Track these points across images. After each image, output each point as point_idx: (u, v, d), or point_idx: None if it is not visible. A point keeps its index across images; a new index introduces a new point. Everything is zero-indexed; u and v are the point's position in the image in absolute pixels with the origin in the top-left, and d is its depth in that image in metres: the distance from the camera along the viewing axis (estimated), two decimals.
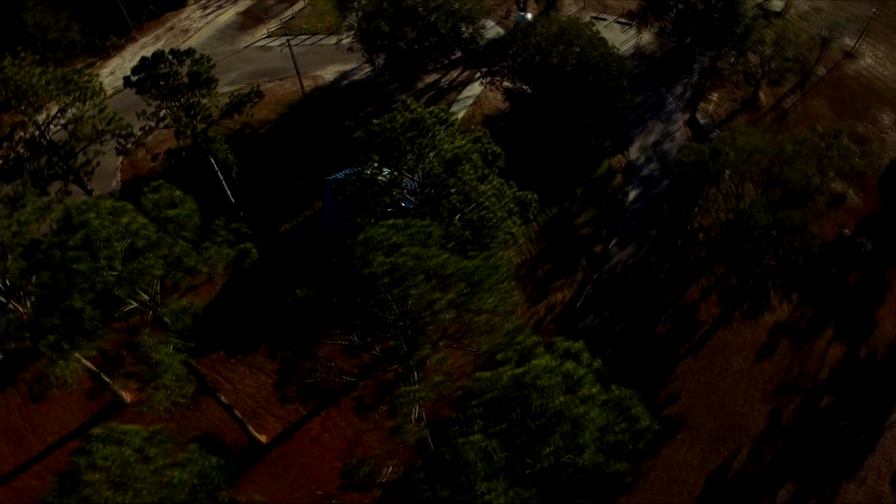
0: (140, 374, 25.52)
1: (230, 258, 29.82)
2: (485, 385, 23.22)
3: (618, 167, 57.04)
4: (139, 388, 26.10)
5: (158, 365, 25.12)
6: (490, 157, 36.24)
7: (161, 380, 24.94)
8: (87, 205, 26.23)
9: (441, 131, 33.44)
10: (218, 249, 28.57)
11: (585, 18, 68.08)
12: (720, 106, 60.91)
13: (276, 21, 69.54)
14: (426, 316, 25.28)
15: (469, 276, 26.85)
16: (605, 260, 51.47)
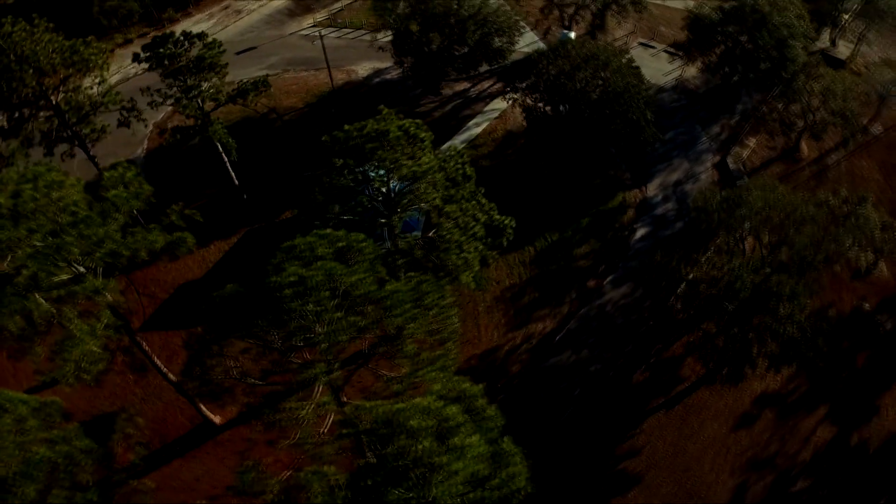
0: (54, 346, 26.13)
1: (157, 245, 30.04)
2: (355, 416, 22.38)
3: (632, 202, 54.43)
4: (49, 358, 26.76)
5: (69, 339, 25.60)
6: (460, 178, 35.05)
7: (67, 353, 25.42)
8: (32, 174, 26.98)
9: (406, 146, 32.56)
10: (144, 235, 28.88)
11: (633, 44, 65.52)
12: (756, 153, 57.11)
13: (324, 11, 70.18)
14: (323, 334, 24.59)
15: (381, 300, 25.99)
16: (597, 296, 49.22)
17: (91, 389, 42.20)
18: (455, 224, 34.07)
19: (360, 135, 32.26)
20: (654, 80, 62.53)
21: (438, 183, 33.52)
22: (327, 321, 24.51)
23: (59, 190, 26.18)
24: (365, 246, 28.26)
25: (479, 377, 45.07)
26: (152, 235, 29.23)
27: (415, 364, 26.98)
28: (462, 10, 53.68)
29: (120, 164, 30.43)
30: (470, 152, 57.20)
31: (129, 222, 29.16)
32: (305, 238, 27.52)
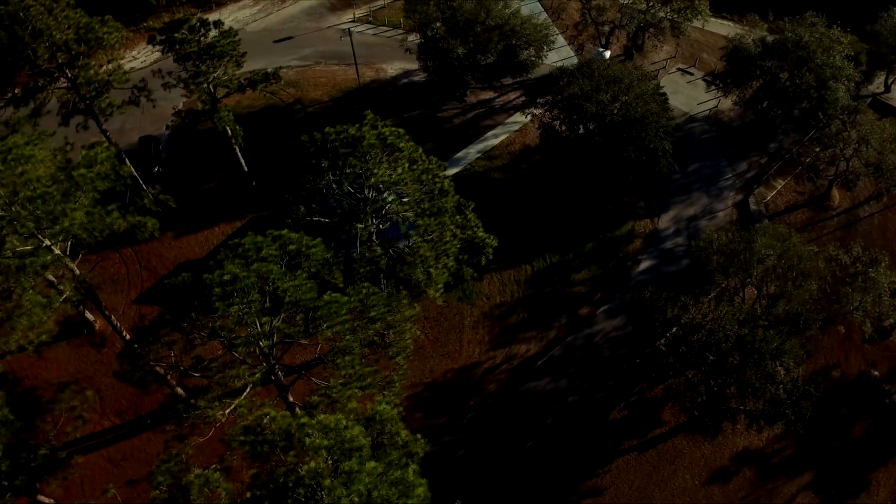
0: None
1: (116, 227, 30.40)
2: (258, 424, 22.01)
3: (641, 232, 52.34)
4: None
5: (18, 309, 26.24)
6: (437, 192, 34.25)
7: (15, 322, 26.04)
8: (8, 146, 27.74)
9: (381, 155, 31.99)
10: (102, 217, 29.29)
11: (671, 69, 63.06)
12: (782, 195, 54.01)
13: (365, 8, 70.18)
14: (243, 337, 24.35)
15: (315, 308, 25.54)
16: (587, 325, 47.56)
17: (63, 359, 43.55)
18: (425, 238, 33.29)
19: (336, 138, 31.87)
20: (687, 108, 60.06)
21: (410, 195, 32.80)
22: (250, 324, 24.24)
23: (26, 164, 26.82)
24: (314, 252, 27.88)
25: (454, 392, 44.50)
26: (110, 218, 29.66)
27: (344, 378, 26.42)
28: (489, 20, 52.62)
29: (99, 143, 30.97)
30: (483, 163, 56.45)
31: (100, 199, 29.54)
32: (254, 237, 27.35)
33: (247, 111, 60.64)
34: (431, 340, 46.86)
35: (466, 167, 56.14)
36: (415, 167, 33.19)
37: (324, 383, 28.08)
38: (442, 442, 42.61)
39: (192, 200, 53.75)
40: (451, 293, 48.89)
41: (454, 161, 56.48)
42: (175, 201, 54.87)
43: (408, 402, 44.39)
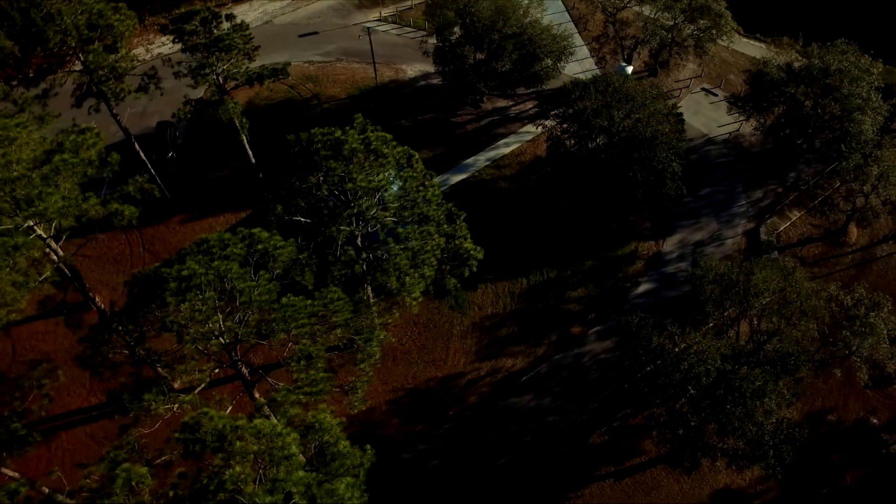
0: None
1: (95, 215, 30.79)
2: (196, 421, 21.94)
3: (644, 254, 51.01)
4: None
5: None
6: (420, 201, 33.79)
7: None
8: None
9: (362, 160, 31.71)
10: (78, 203, 29.69)
11: (695, 88, 61.35)
12: (796, 227, 51.97)
13: (392, 7, 70.08)
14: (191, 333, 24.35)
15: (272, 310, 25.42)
16: (577, 344, 46.56)
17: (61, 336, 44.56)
18: (406, 246, 32.93)
19: (321, 140, 31.73)
20: (707, 129, 58.33)
21: (391, 201, 32.47)
22: (201, 321, 24.26)
23: (7, 146, 27.37)
24: (282, 252, 27.78)
25: (434, 401, 44.08)
26: (86, 204, 30.08)
27: (296, 382, 26.26)
28: (506, 28, 51.90)
29: (89, 128, 31.46)
30: (491, 171, 55.79)
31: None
32: (222, 234, 27.39)
33: (265, 103, 61.25)
34: (418, 346, 46.51)
35: (474, 174, 55.57)
36: (401, 174, 32.81)
37: (280, 385, 27.99)
38: (417, 450, 42.25)
39: (201, 188, 54.55)
40: (442, 301, 48.55)
41: (462, 167, 55.99)
42: (185, 187, 55.95)
43: (387, 407, 44.25)
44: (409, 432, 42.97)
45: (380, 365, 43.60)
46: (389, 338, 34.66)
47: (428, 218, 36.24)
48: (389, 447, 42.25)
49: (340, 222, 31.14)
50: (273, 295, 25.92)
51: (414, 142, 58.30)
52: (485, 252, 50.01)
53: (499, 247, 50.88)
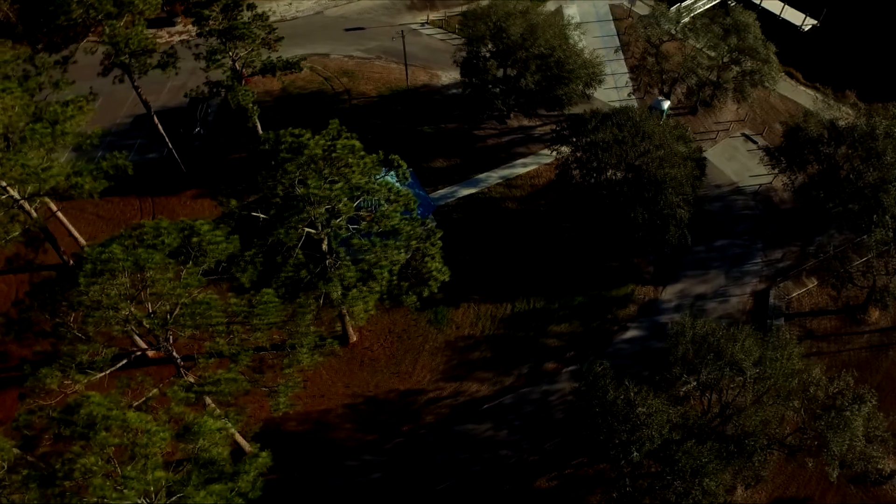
0: None
1: (57, 185, 31.66)
2: (77, 403, 22.10)
3: (640, 298, 48.42)
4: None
5: None
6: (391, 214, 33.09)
7: None
8: None
9: (321, 165, 31.30)
10: (38, 175, 30.54)
11: (735, 133, 57.76)
12: (812, 296, 48.04)
13: (441, 12, 69.39)
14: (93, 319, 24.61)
15: (185, 305, 25.43)
16: (548, 381, 44.74)
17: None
18: (357, 258, 32.36)
19: (286, 141, 31.57)
20: (737, 178, 54.78)
21: (345, 212, 31.96)
22: (107, 306, 24.51)
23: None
24: (214, 248, 27.77)
25: (391, 413, 43.46)
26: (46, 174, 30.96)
27: (197, 379, 26.22)
28: (534, 47, 50.28)
29: (75, 100, 32.46)
30: (502, 190, 54.39)
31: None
32: (159, 221, 27.65)
33: (297, 92, 61.95)
34: (387, 355, 45.92)
35: (483, 189, 54.32)
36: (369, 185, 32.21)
37: (180, 381, 28.00)
38: (362, 459, 41.76)
39: (218, 166, 55.56)
40: (422, 313, 47.66)
41: (473, 181, 54.84)
42: (204, 164, 57.08)
43: (343, 411, 43.93)
44: (360, 440, 42.51)
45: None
46: (332, 346, 34.16)
47: (398, 232, 35.56)
48: (336, 451, 41.95)
49: (289, 225, 30.89)
50: (186, 290, 25.91)
51: (432, 149, 58.04)
52: (474, 271, 49.36)
53: (491, 267, 49.64)
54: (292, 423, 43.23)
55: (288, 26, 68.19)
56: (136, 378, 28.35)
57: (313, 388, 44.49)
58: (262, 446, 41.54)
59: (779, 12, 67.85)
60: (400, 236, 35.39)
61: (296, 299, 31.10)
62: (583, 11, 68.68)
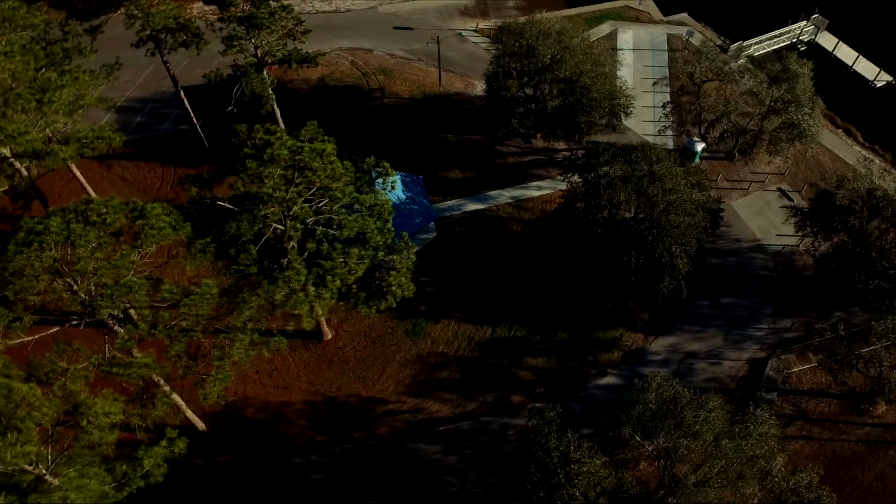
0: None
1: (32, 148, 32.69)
2: None
3: (626, 345, 45.87)
4: None
5: None
6: (337, 223, 32.53)
7: None
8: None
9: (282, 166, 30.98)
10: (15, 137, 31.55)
11: (771, 187, 53.84)
12: (814, 374, 44.09)
13: (493, 21, 67.99)
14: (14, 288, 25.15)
15: (101, 283, 25.71)
16: (510, 414, 43.01)
17: None
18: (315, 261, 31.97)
19: (254, 137, 31.49)
20: (761, 234, 50.96)
21: (301, 215, 31.55)
22: (29, 276, 25.08)
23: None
24: (154, 232, 28.00)
25: (346, 418, 43.06)
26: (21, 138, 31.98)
27: (109, 359, 26.52)
28: (560, 71, 48.29)
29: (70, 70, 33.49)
30: (510, 210, 52.84)
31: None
32: (107, 199, 28.11)
33: (334, 84, 62.17)
34: (357, 359, 45.45)
35: (492, 207, 52.89)
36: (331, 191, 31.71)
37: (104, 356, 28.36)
38: (308, 458, 41.55)
39: (227, 152, 56.15)
40: (401, 321, 47.00)
41: (483, 197, 53.48)
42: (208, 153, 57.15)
43: (301, 406, 43.81)
44: (310, 439, 42.29)
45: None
46: (279, 343, 33.93)
47: (365, 241, 34.97)
48: (285, 445, 41.90)
49: (240, 220, 30.81)
50: (111, 269, 26.15)
51: (451, 158, 56.89)
52: (462, 288, 48.07)
53: (480, 287, 48.28)
54: (251, 409, 43.56)
55: (341, 18, 68.82)
56: (74, 346, 29.01)
57: (279, 379, 44.65)
58: (220, 426, 42.89)
59: (851, 63, 62.68)
60: (367, 246, 34.75)
61: (239, 294, 31.00)
62: (638, 37, 65.73)
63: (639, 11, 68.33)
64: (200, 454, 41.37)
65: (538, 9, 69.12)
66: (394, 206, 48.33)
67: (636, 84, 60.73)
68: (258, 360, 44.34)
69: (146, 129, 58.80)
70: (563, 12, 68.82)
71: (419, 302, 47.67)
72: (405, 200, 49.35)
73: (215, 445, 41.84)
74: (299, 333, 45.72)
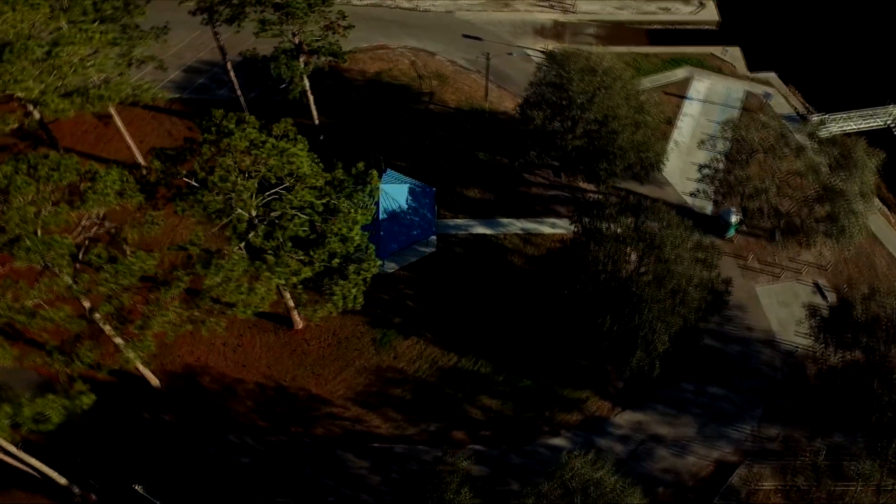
0: None
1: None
2: None
3: (590, 410, 42.69)
4: None
5: None
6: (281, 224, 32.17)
7: None
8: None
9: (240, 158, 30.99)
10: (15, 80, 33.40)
11: (807, 279, 48.26)
12: (786, 496, 39.08)
13: (563, 45, 65.01)
14: None
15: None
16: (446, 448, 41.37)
17: None
18: (239, 261, 31.87)
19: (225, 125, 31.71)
20: (779, 329, 45.77)
21: (244, 206, 31.48)
22: None
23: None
24: (97, 197, 28.88)
25: (290, 409, 43.17)
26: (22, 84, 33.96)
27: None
28: (589, 111, 45.28)
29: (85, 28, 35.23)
30: (515, 241, 50.78)
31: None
32: (60, 156, 29.30)
33: (388, 80, 61.87)
34: (318, 355, 45.26)
35: (498, 235, 50.88)
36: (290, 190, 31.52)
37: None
38: (242, 440, 41.89)
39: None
40: (371, 328, 46.29)
41: (494, 223, 51.56)
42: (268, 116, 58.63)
43: (254, 388, 44.13)
44: (252, 422, 42.60)
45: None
46: (215, 325, 34.24)
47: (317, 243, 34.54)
48: (227, 422, 42.48)
49: (185, 203, 31.19)
50: (47, 227, 27.25)
51: (475, 176, 54.94)
52: (443, 311, 46.51)
53: (459, 313, 46.65)
54: (208, 377, 44.53)
55: (417, 17, 68.42)
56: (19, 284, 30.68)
57: (241, 355, 45.32)
58: (174, 387, 44.14)
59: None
60: (318, 249, 34.31)
61: (174, 272, 31.51)
62: (713, 89, 60.82)
63: (723, 62, 63.12)
64: (149, 408, 42.84)
65: (617, 41, 65.83)
66: (393, 214, 48.27)
67: (693, 138, 56.36)
68: (227, 332, 45.40)
69: (205, 91, 61.26)
70: (642, 49, 64.98)
71: (396, 313, 46.89)
72: (407, 210, 48.48)
73: (165, 403, 43.11)
74: (274, 317, 46.40)
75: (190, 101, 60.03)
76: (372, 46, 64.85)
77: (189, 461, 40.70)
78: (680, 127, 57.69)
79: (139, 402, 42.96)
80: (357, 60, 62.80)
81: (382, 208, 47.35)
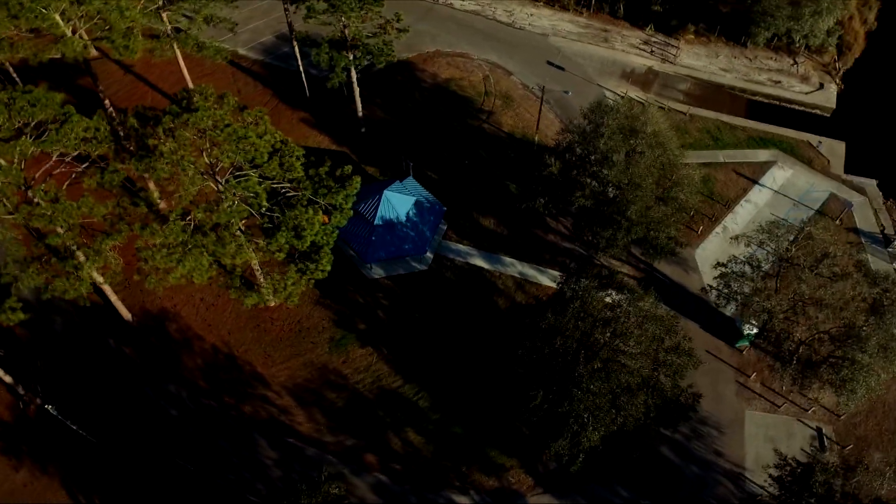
0: None
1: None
2: None
3: (508, 481, 39.44)
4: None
5: None
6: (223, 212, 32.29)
7: None
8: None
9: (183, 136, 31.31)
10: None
11: (812, 420, 41.58)
12: None
13: (652, 94, 59.92)
14: None
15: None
16: (353, 468, 40.10)
17: None
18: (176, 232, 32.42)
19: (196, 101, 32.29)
20: (754, 465, 39.80)
21: (188, 182, 31.89)
22: None
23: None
24: (60, 138, 30.51)
25: (231, 379, 44.00)
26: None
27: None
28: (609, 171, 41.29)
29: None
30: (510, 284, 48.10)
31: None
32: (46, 93, 31.28)
33: (454, 88, 60.06)
34: (278, 336, 45.46)
35: (494, 272, 48.31)
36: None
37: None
38: (179, 394, 43.13)
39: (329, 105, 57.82)
40: (334, 326, 45.80)
41: (494, 259, 49.00)
42: (323, 99, 59.00)
43: (208, 348, 45.19)
44: (194, 380, 43.67)
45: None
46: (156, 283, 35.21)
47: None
48: (173, 372, 43.80)
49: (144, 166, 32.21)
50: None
51: (495, 207, 52.34)
52: (408, 332, 44.94)
53: (423, 339, 44.95)
54: (175, 325, 46.25)
55: (508, 32, 66.06)
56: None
57: (210, 315, 46.57)
58: (143, 325, 46.26)
59: None
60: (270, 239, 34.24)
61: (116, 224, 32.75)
62: (792, 182, 53.73)
63: (816, 154, 55.40)
64: (115, 338, 45.32)
65: (707, 104, 59.83)
66: (389, 223, 47.25)
67: (747, 227, 50.02)
68: (207, 289, 47.05)
69: (285, 59, 62.99)
70: (730, 119, 58.50)
71: (363, 319, 46.10)
72: (405, 222, 47.22)
73: (130, 337, 45.33)
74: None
75: (267, 66, 61.99)
76: (454, 52, 63.57)
77: (124, 395, 42.57)
78: (736, 212, 51.50)
79: (108, 330, 45.52)
80: (433, 63, 62.03)
81: (380, 215, 46.44)
